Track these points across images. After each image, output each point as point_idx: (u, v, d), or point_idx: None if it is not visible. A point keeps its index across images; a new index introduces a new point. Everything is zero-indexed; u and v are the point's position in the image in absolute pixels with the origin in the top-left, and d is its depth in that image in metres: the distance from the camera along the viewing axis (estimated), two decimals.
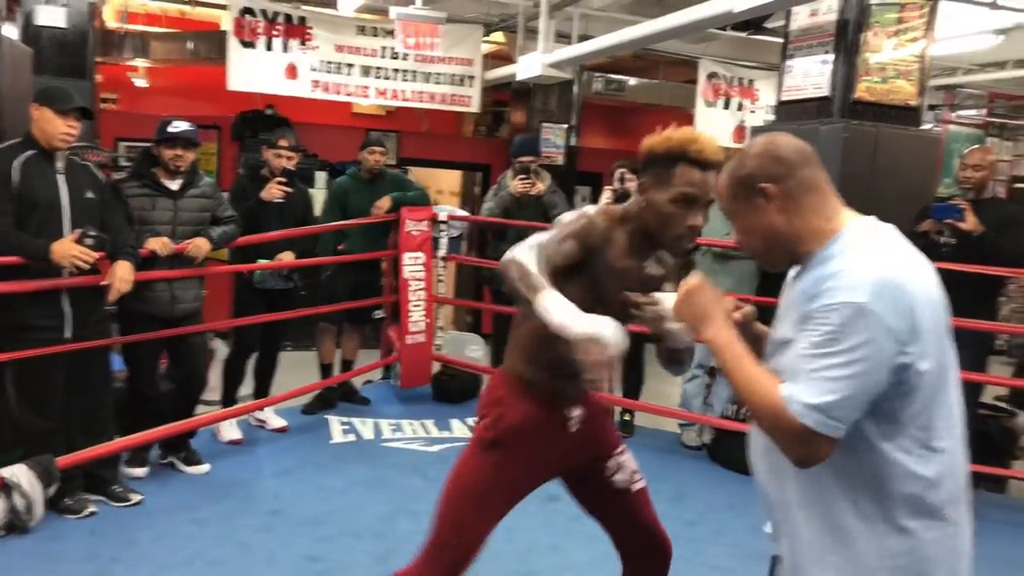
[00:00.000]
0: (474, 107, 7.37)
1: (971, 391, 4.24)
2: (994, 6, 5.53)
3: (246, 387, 4.68)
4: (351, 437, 4.61)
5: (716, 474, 4.42)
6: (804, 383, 1.36)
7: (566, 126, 7.84)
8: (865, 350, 1.33)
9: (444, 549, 2.07)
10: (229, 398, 4.49)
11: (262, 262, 4.31)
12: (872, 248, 1.43)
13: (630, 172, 4.67)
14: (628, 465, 2.21)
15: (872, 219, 1.51)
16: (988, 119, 9.36)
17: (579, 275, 1.96)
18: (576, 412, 2.10)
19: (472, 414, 5.00)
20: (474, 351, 5.82)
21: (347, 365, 5.18)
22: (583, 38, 6.25)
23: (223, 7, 6.54)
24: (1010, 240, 3.98)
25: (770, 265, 1.61)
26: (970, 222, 3.97)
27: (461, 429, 4.83)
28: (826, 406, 1.34)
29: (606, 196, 4.62)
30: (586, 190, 8.45)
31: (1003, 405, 5.28)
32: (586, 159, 8.25)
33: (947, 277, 3.86)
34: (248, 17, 6.45)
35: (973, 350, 4.18)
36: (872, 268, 1.38)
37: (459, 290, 8.65)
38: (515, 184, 4.99)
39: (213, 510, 3.55)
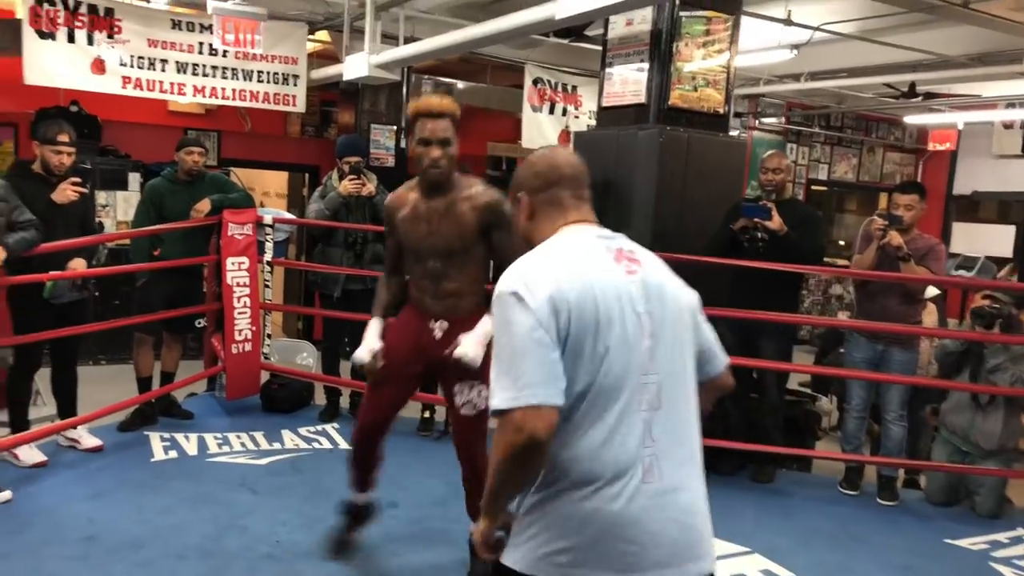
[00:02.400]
0: (299, 107, 7.18)
1: (778, 378, 4.61)
2: (788, 23, 6.02)
3: (50, 407, 4.32)
4: (173, 454, 4.36)
5: None
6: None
7: (395, 128, 7.78)
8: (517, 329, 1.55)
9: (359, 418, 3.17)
10: (18, 419, 4.09)
11: (53, 272, 3.92)
12: (546, 250, 1.67)
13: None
14: (471, 394, 2.87)
15: (576, 228, 1.71)
16: (787, 126, 10.15)
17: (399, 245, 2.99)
18: (438, 324, 2.96)
19: (304, 424, 4.91)
20: (305, 358, 5.66)
21: (167, 377, 4.88)
22: (409, 40, 6.22)
23: None
24: (806, 238, 4.36)
25: None
26: (776, 222, 4.30)
27: (292, 440, 4.68)
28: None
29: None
30: None
31: (806, 390, 5.75)
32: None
33: (757, 272, 4.17)
34: (46, 6, 5.97)
35: (780, 340, 4.54)
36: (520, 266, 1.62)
37: (288, 295, 8.40)
38: (345, 184, 4.89)
39: (15, 541, 3.25)
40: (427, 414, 5.02)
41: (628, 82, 4.91)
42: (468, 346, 2.73)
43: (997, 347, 4.20)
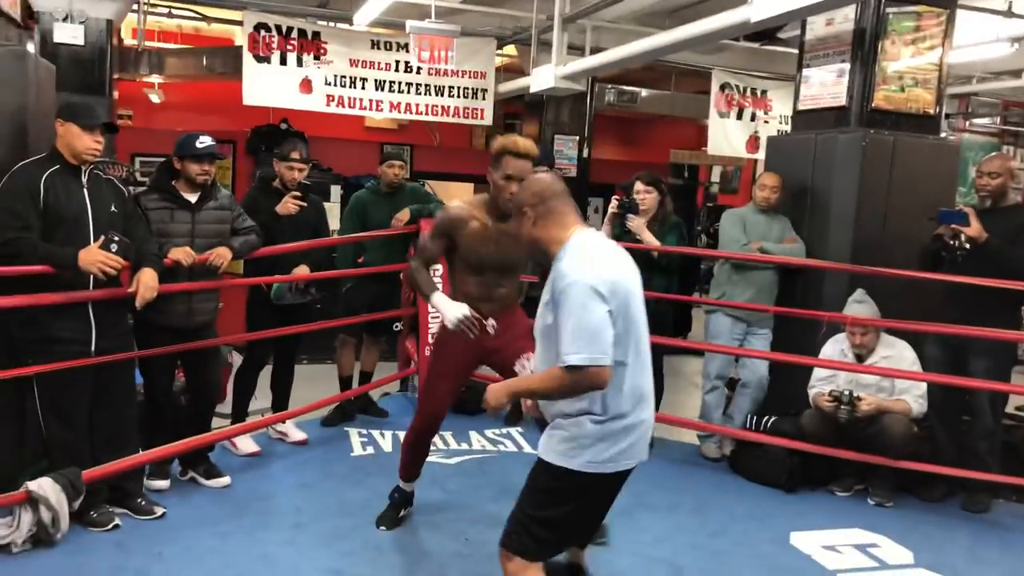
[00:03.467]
0: (487, 120, 7.40)
1: (995, 401, 4.22)
2: (1009, 14, 5.54)
3: (264, 400, 4.68)
4: (370, 450, 4.60)
5: (737, 485, 4.38)
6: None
7: (578, 138, 7.85)
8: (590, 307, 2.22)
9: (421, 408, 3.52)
10: (240, 411, 4.48)
11: (279, 276, 4.31)
12: (583, 250, 2.31)
13: (645, 185, 4.67)
14: (529, 365, 3.14)
15: (588, 230, 2.39)
16: (1003, 127, 9.33)
17: (453, 253, 3.29)
18: (490, 323, 3.28)
19: (490, 426, 5.04)
20: None
21: (366, 377, 5.17)
22: (595, 50, 6.27)
23: (238, 23, 6.59)
24: (1021, 248, 3.95)
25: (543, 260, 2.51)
26: (974, 228, 3.93)
27: (479, 441, 4.82)
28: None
29: (613, 205, 4.62)
30: (598, 201, 8.45)
31: None
32: (598, 170, 8.26)
33: (968, 285, 3.83)
34: (263, 32, 6.50)
35: (996, 359, 4.15)
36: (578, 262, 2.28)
37: None
38: None
39: (235, 524, 3.54)
40: None
41: (827, 84, 4.72)
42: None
43: None
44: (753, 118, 7.81)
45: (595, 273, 2.22)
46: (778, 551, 3.55)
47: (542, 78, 6.37)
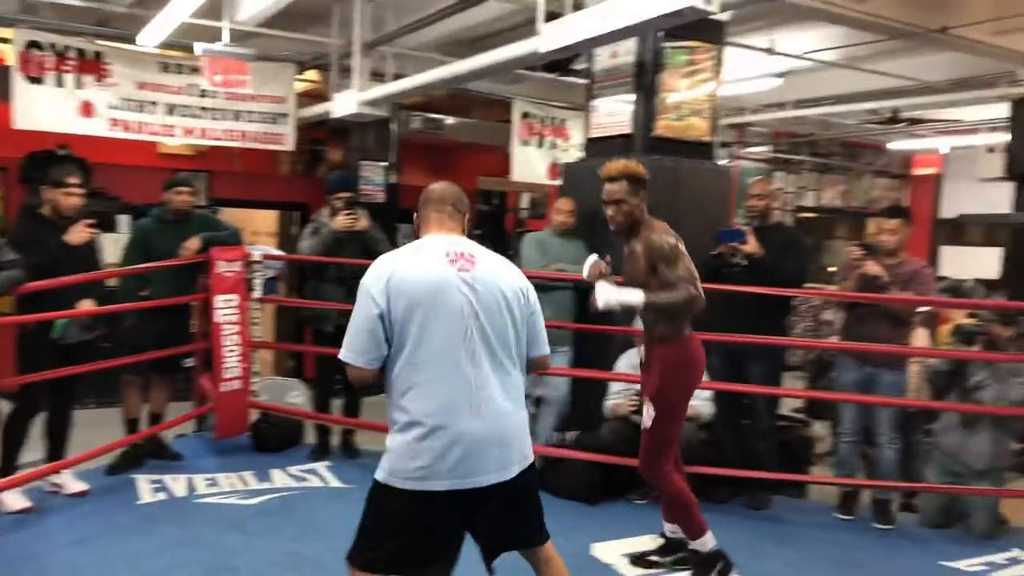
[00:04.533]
0: (288, 145, 7.23)
1: (768, 404, 4.59)
2: (771, 52, 6.09)
3: (35, 451, 4.26)
4: (162, 496, 4.30)
5: (544, 501, 4.45)
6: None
7: (385, 164, 7.82)
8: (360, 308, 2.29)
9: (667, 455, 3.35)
10: (7, 464, 4.03)
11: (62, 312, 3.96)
12: (394, 252, 2.38)
13: None
14: (647, 411, 3.27)
15: (432, 236, 2.40)
16: (774, 155, 10.24)
17: None
18: (641, 347, 3.46)
19: (294, 463, 4.86)
20: (295, 397, 5.61)
21: (156, 418, 4.82)
22: (397, 77, 6.28)
23: (7, 40, 6.06)
24: (788, 262, 4.36)
25: None
26: (751, 245, 4.32)
27: (283, 479, 4.62)
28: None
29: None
30: (408, 227, 8.43)
31: (799, 416, 5.72)
32: (406, 196, 8.25)
33: (741, 297, 4.19)
34: (35, 51, 6.02)
35: (768, 365, 4.51)
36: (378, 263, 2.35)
37: (279, 333, 8.37)
38: (340, 220, 4.89)
39: None
40: None
41: (614, 113, 4.96)
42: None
43: (980, 365, 4.20)
44: (553, 146, 8.12)
45: (376, 275, 2.28)
46: (580, 563, 3.63)
47: (344, 104, 6.30)
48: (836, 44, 6.41)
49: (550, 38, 4.14)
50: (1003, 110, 6.86)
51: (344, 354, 2.30)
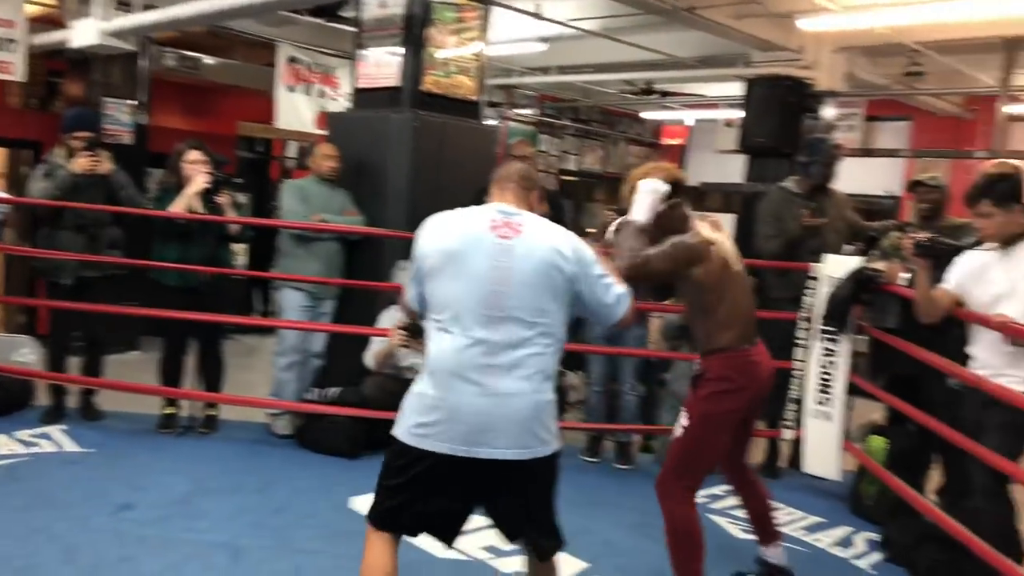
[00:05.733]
0: (18, 75, 6.44)
1: None
2: (538, 16, 6.27)
3: None
4: None
5: (305, 459, 4.40)
6: None
7: (133, 102, 7.18)
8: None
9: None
10: None
11: None
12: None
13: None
14: (679, 422, 2.97)
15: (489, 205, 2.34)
16: (540, 118, 10.60)
17: None
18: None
19: (22, 427, 4.42)
20: (25, 355, 5.08)
21: None
22: (147, 8, 5.78)
23: None
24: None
25: None
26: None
27: (7, 445, 4.19)
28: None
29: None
30: (160, 172, 7.83)
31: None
32: (159, 139, 7.64)
33: None
34: None
35: None
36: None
37: (8, 285, 7.51)
38: (80, 161, 4.44)
39: None
40: (170, 410, 4.70)
41: (382, 64, 4.89)
42: None
43: None
44: (322, 94, 7.86)
45: (424, 227, 2.33)
46: (338, 517, 3.65)
47: (83, 33, 5.72)
48: (598, 14, 6.73)
49: None
50: (739, 88, 7.54)
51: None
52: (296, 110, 7.76)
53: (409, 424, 2.25)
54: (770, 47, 6.54)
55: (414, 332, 4.21)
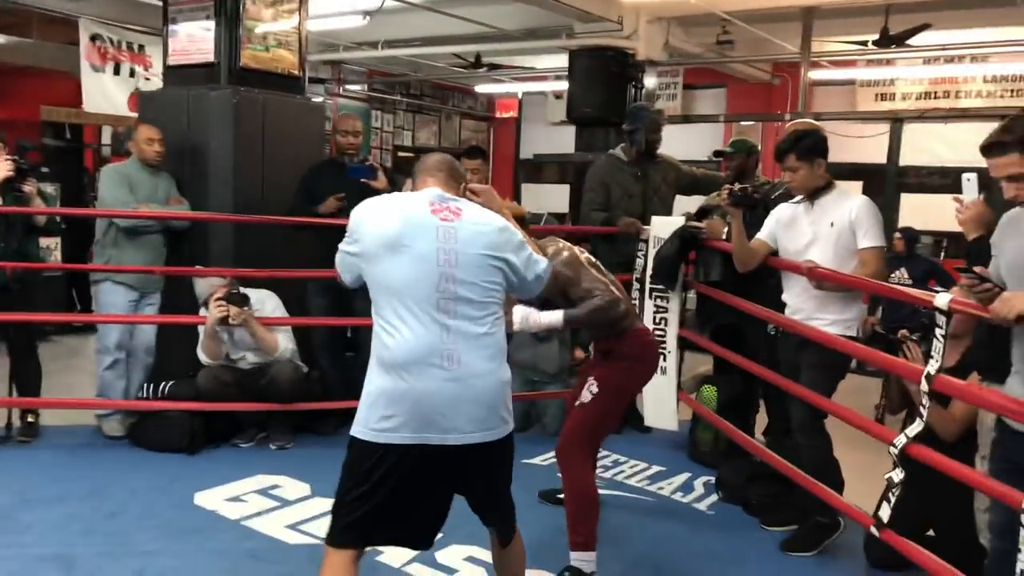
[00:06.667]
0: None
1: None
2: None
3: None
4: None
5: (139, 458, 4.17)
6: None
7: None
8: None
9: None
10: None
11: None
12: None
13: None
14: (586, 389, 3.06)
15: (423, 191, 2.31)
16: (370, 94, 10.42)
17: None
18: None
19: None
20: None
21: None
22: None
23: None
24: None
25: None
26: (381, 181, 4.35)
27: None
28: None
29: None
30: None
31: None
32: None
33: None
34: None
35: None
36: None
37: None
38: None
39: None
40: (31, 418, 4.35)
41: (195, 39, 4.67)
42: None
43: None
44: (132, 74, 7.38)
45: (355, 211, 2.27)
46: (182, 515, 3.49)
47: None
48: None
49: None
50: (565, 60, 7.70)
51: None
52: (105, 92, 7.26)
53: (370, 421, 2.12)
54: (591, 18, 6.70)
55: (234, 300, 4.08)
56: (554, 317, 3.02)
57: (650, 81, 7.22)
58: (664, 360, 4.45)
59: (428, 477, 2.16)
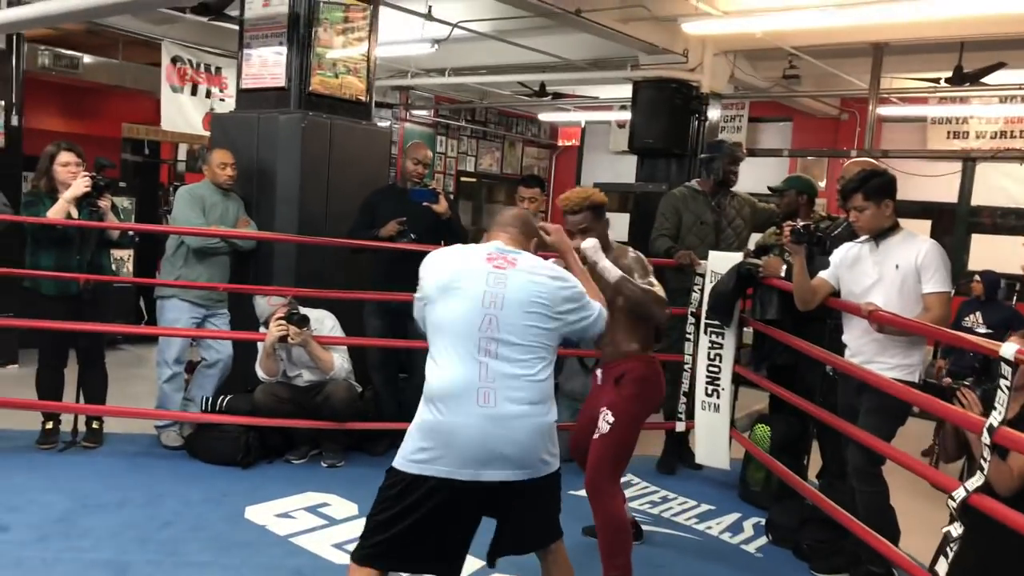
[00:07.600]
0: None
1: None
2: (429, 17, 6.25)
3: None
4: None
5: (195, 470, 4.27)
6: None
7: (2, 103, 6.80)
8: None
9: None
10: None
11: None
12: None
13: None
14: (602, 420, 3.09)
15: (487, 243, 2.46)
16: (436, 119, 10.58)
17: None
18: (598, 372, 3.30)
19: None
20: None
21: None
22: (13, 3, 5.48)
23: None
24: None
25: None
26: (442, 205, 4.46)
27: None
28: None
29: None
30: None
31: None
32: (34, 142, 7.26)
33: (413, 255, 4.25)
34: None
35: None
36: None
37: None
38: None
39: None
40: (50, 424, 4.48)
41: (268, 64, 4.80)
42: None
43: None
44: (209, 95, 7.64)
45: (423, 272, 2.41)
46: (232, 528, 3.56)
47: None
48: (488, 16, 6.75)
49: None
50: (629, 90, 7.71)
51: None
52: (182, 111, 7.52)
53: (407, 452, 2.24)
54: (656, 51, 6.71)
55: (294, 320, 4.15)
56: (614, 271, 3.05)
57: (714, 113, 7.19)
58: (718, 397, 4.39)
59: (459, 512, 2.23)
